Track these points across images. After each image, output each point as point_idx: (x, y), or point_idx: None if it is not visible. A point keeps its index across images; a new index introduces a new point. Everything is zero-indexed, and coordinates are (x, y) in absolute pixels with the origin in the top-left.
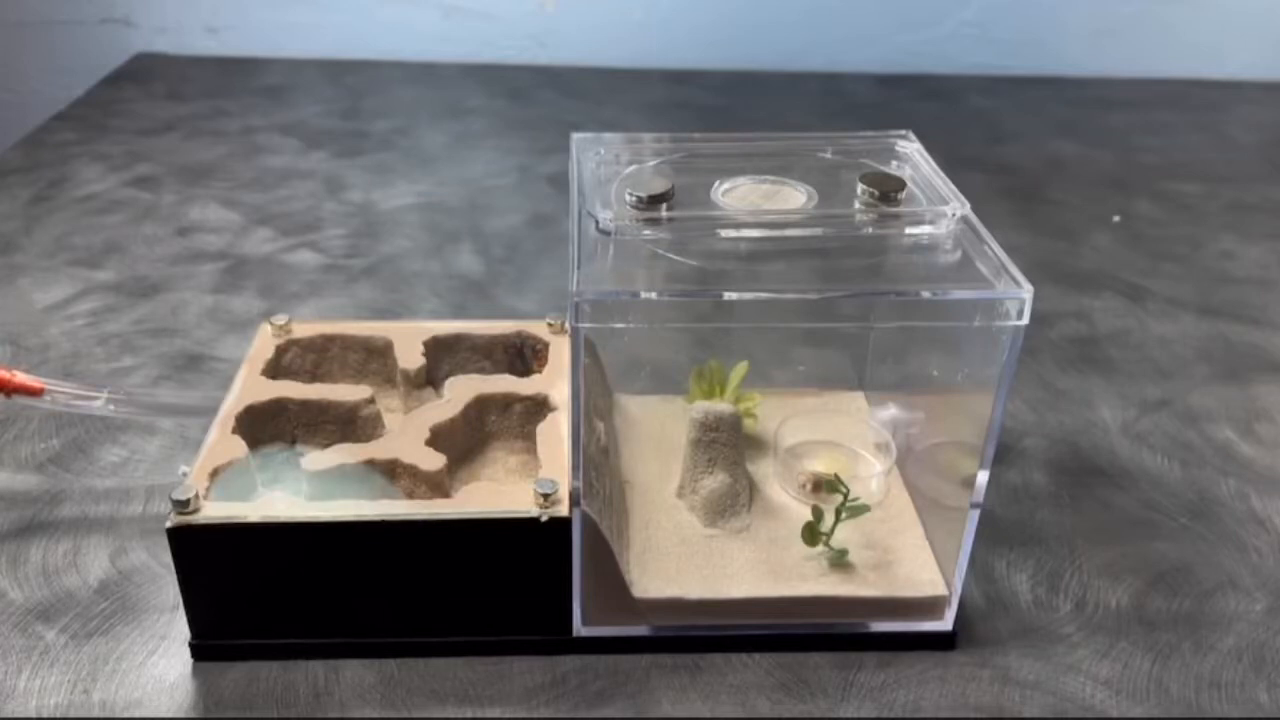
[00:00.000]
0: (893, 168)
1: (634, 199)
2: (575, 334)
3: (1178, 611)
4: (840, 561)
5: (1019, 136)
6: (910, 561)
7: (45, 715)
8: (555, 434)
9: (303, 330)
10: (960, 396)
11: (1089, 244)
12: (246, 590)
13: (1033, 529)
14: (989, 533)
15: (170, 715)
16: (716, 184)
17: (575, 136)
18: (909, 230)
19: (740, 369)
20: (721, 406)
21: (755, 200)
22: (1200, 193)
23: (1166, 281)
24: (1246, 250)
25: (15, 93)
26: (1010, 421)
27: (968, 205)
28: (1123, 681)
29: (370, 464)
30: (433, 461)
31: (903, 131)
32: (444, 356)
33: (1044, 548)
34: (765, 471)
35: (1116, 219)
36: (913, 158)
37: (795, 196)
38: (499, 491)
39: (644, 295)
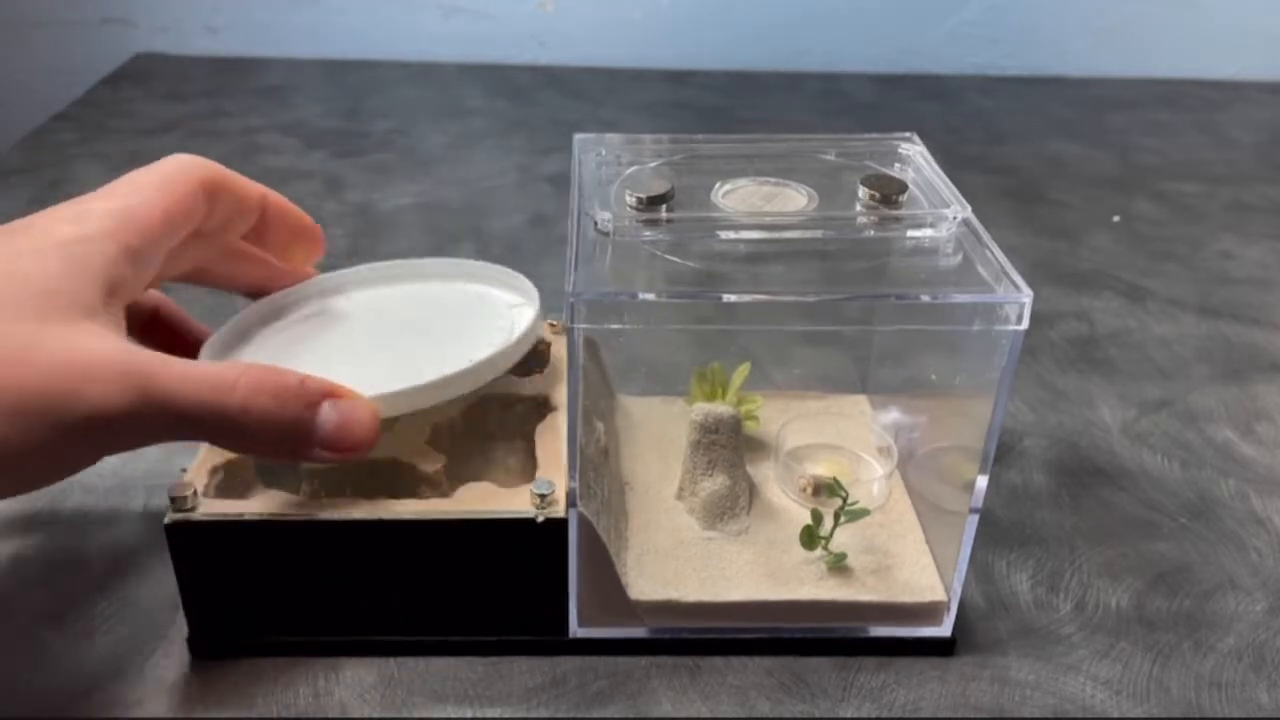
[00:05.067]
0: (895, 170)
1: (634, 200)
2: (572, 334)
3: (1178, 611)
4: (839, 565)
5: (1019, 136)
6: (910, 566)
7: (45, 715)
8: (555, 435)
9: None
10: (960, 400)
11: (1089, 244)
12: (245, 588)
13: (1032, 529)
14: (989, 533)
15: (170, 715)
16: (717, 185)
17: (577, 137)
18: (910, 233)
19: (742, 371)
20: (721, 408)
21: (756, 202)
22: (1200, 193)
23: (1166, 281)
24: (1246, 250)
25: (15, 93)
26: (1010, 421)
27: (969, 208)
28: (1123, 682)
29: (370, 463)
30: (432, 461)
31: (906, 134)
32: None
33: (1044, 548)
34: (766, 474)
35: (1116, 219)
36: (915, 160)
37: (796, 198)
38: (496, 492)
39: (641, 296)
